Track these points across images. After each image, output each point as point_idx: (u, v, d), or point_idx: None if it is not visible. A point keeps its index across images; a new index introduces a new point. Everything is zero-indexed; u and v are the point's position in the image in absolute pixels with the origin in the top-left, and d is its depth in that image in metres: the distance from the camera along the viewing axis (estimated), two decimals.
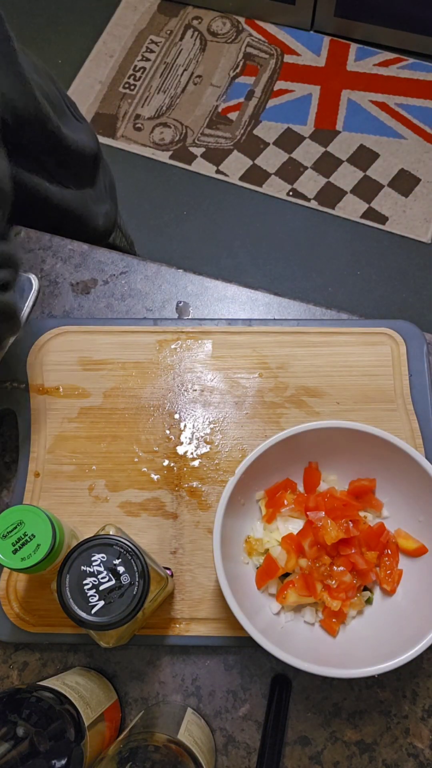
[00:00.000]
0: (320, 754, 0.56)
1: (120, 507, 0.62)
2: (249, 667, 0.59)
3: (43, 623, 0.58)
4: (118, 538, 0.48)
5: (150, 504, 0.62)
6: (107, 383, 0.67)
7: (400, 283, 1.72)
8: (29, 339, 0.68)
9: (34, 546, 0.49)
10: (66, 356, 0.68)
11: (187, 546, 0.61)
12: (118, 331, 0.69)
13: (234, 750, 0.57)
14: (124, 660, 0.59)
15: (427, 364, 0.66)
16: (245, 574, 0.57)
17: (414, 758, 0.56)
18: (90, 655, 0.59)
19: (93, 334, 0.69)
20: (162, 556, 0.61)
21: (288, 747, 0.57)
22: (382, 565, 0.57)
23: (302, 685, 0.58)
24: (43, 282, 0.73)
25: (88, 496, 0.63)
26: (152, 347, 0.68)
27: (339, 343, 0.68)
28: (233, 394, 0.67)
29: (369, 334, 0.68)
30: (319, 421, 0.57)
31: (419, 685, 0.58)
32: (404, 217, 1.79)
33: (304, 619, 0.57)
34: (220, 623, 0.58)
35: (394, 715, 0.57)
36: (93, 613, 0.46)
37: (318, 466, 0.60)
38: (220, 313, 0.71)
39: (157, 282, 0.73)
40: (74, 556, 0.47)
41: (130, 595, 0.46)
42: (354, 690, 0.58)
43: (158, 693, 0.58)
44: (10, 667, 0.59)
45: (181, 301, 0.72)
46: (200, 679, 0.59)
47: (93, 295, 0.73)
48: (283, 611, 0.56)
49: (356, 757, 0.56)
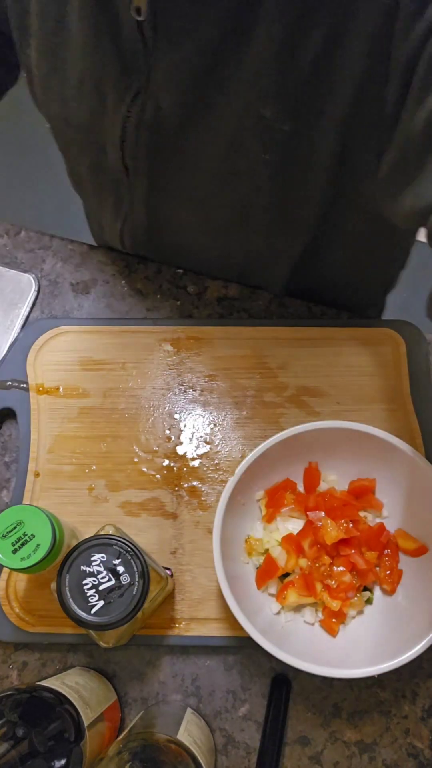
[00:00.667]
0: (320, 754, 0.56)
1: (120, 507, 0.62)
2: (249, 667, 0.59)
3: (43, 623, 0.58)
4: (118, 538, 0.48)
5: (150, 504, 0.62)
6: (107, 383, 0.67)
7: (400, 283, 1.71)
8: (29, 339, 0.68)
9: (34, 546, 0.49)
10: (66, 356, 0.68)
11: (187, 546, 0.61)
12: (118, 331, 0.69)
13: (234, 750, 0.57)
14: (124, 660, 0.59)
15: (427, 364, 0.66)
16: (245, 574, 0.57)
17: (414, 758, 0.56)
18: (90, 655, 0.59)
19: (93, 334, 0.69)
20: (162, 556, 0.61)
21: (288, 747, 0.57)
22: (382, 565, 0.57)
23: (302, 685, 0.58)
24: (43, 282, 0.73)
25: (88, 496, 0.63)
26: (152, 347, 0.68)
27: (339, 343, 0.68)
28: (233, 394, 0.67)
29: (369, 334, 0.68)
30: (319, 421, 0.57)
31: (419, 685, 0.58)
32: None
33: (304, 619, 0.56)
34: (220, 623, 0.58)
35: (394, 715, 0.57)
36: (93, 613, 0.46)
37: (318, 466, 0.60)
38: (220, 313, 0.71)
39: (157, 282, 0.73)
40: (74, 556, 0.47)
41: (130, 595, 0.46)
42: (354, 690, 0.58)
43: (158, 693, 0.58)
44: (10, 667, 0.59)
45: (181, 301, 0.72)
46: (200, 679, 0.59)
47: (93, 295, 0.73)
48: (282, 611, 0.56)
49: (356, 757, 0.56)
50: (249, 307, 0.71)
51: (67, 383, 0.67)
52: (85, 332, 0.69)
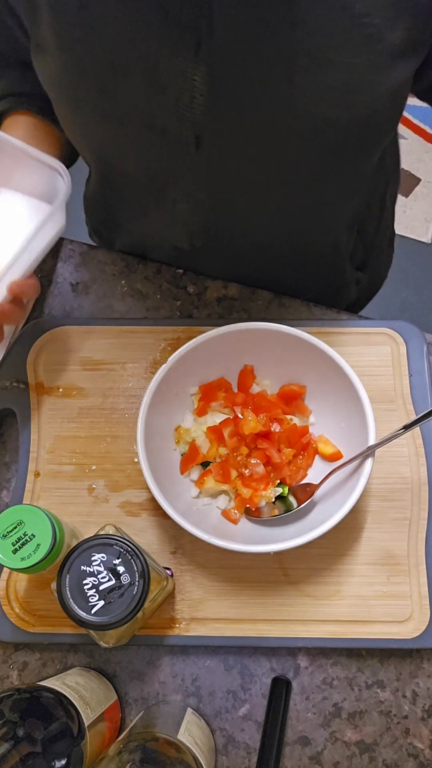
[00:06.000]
0: (320, 754, 0.56)
1: (120, 507, 0.62)
2: (249, 667, 0.59)
3: (43, 623, 0.58)
4: (118, 538, 0.48)
5: (150, 504, 0.62)
6: (107, 383, 0.67)
7: (400, 283, 1.71)
8: (29, 339, 0.68)
9: (34, 546, 0.49)
10: (66, 356, 0.68)
11: (187, 546, 0.61)
12: (118, 331, 0.69)
13: (234, 750, 0.57)
14: (124, 660, 0.59)
15: (427, 364, 0.66)
16: (172, 461, 0.62)
17: (414, 758, 0.56)
18: (90, 655, 0.59)
19: (93, 334, 0.69)
20: (162, 556, 0.61)
21: (288, 747, 0.57)
22: (293, 462, 0.61)
23: (302, 685, 0.58)
24: (43, 282, 0.73)
25: (88, 496, 0.63)
26: (152, 347, 0.68)
27: (339, 343, 0.68)
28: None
29: (369, 334, 0.68)
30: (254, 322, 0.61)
31: (419, 685, 0.58)
32: (404, 217, 1.79)
33: (217, 504, 0.61)
34: (220, 623, 0.58)
35: (394, 715, 0.57)
36: (93, 613, 0.46)
37: (254, 371, 0.64)
38: (220, 313, 0.71)
39: (157, 282, 0.73)
40: (74, 556, 0.47)
41: (130, 595, 0.46)
42: (354, 690, 0.58)
43: (158, 693, 0.58)
44: (10, 667, 0.59)
45: (181, 301, 0.72)
46: (200, 679, 0.59)
47: (93, 295, 0.73)
48: (201, 496, 0.62)
49: (356, 757, 0.56)
50: (249, 307, 0.71)
51: (67, 383, 0.67)
52: (85, 332, 0.69)
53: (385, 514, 0.61)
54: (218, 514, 0.61)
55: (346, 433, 0.60)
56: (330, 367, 0.59)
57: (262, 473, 0.59)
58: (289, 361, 0.62)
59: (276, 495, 0.60)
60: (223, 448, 0.61)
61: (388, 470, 0.62)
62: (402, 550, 0.60)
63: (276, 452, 0.60)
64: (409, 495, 0.61)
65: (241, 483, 0.59)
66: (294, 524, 0.59)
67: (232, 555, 0.55)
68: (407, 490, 0.61)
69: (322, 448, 0.62)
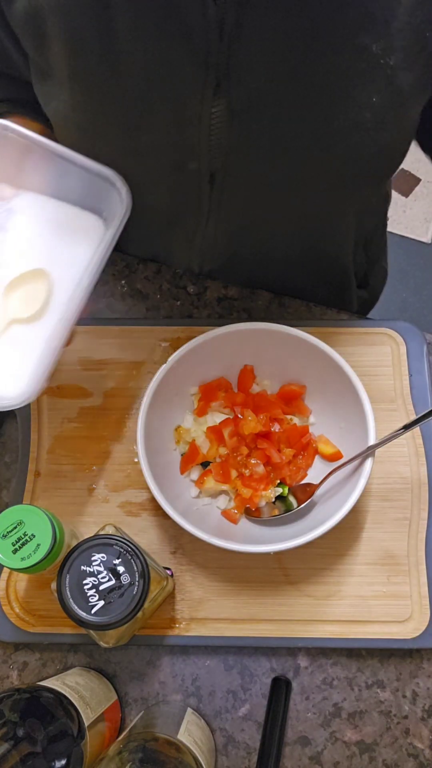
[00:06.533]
0: (320, 754, 0.56)
1: (120, 507, 0.62)
2: (249, 667, 0.59)
3: (43, 623, 0.58)
4: (118, 538, 0.48)
5: (150, 504, 0.62)
6: (107, 383, 0.67)
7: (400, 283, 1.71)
8: None
9: (34, 546, 0.49)
10: (66, 356, 0.68)
11: (187, 546, 0.61)
12: (118, 331, 0.69)
13: (234, 750, 0.57)
14: (124, 660, 0.59)
15: (427, 364, 0.66)
16: (172, 461, 0.62)
17: (414, 758, 0.56)
18: (90, 655, 0.59)
19: (93, 334, 0.69)
20: (162, 556, 0.61)
21: (288, 747, 0.57)
22: (293, 462, 0.61)
23: (302, 685, 0.58)
24: None
25: (88, 496, 0.63)
26: (152, 347, 0.68)
27: (339, 343, 0.68)
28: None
29: (369, 334, 0.68)
30: (253, 322, 0.61)
31: (419, 685, 0.58)
32: (404, 217, 1.79)
33: (217, 504, 0.61)
34: (220, 623, 0.58)
35: (394, 715, 0.57)
36: (93, 613, 0.46)
37: (254, 370, 0.64)
38: (220, 313, 0.71)
39: (157, 282, 0.73)
40: (74, 556, 0.47)
41: (130, 595, 0.46)
42: (354, 690, 0.58)
43: (158, 693, 0.58)
44: (10, 667, 0.59)
45: (181, 301, 0.72)
46: (200, 679, 0.59)
47: (93, 295, 0.73)
48: (201, 495, 0.62)
49: (356, 757, 0.56)
50: (249, 307, 0.71)
51: (67, 383, 0.67)
52: (85, 332, 0.69)
53: (385, 514, 0.61)
54: (218, 514, 0.61)
55: (346, 433, 0.60)
56: (330, 367, 0.59)
57: (262, 473, 0.60)
58: (289, 361, 0.62)
59: (276, 495, 0.60)
60: (223, 448, 0.61)
61: (388, 470, 0.62)
62: (402, 550, 0.60)
63: (276, 452, 0.60)
64: (409, 495, 0.61)
65: (241, 483, 0.59)
66: (294, 524, 0.59)
67: (232, 555, 0.55)
68: (407, 490, 0.61)
69: (322, 448, 0.62)
